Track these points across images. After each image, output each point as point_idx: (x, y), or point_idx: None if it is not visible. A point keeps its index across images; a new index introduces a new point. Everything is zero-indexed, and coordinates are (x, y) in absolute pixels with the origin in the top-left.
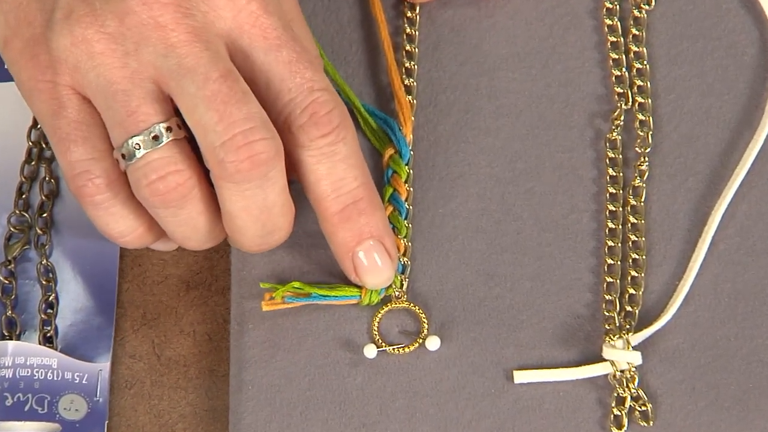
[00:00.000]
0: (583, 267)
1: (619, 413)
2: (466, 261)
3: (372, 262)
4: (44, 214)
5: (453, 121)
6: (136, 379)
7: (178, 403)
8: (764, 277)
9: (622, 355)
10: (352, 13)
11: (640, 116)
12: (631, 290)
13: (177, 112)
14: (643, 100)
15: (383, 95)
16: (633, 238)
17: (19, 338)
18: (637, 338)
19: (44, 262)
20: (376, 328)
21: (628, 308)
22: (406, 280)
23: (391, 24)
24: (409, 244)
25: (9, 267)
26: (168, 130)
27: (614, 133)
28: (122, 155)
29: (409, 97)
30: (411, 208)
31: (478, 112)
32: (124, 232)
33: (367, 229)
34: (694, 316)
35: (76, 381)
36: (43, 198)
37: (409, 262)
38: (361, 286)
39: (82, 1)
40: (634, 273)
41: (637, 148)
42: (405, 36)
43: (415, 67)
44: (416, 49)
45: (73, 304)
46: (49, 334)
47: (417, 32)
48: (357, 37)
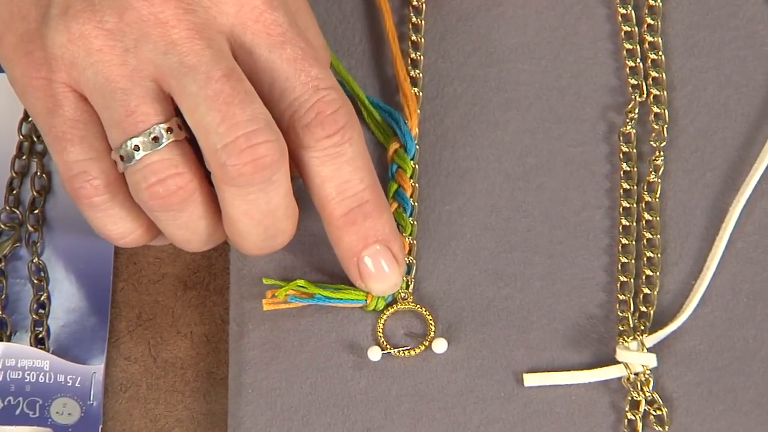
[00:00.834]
0: (596, 266)
1: (633, 418)
2: (473, 260)
3: (379, 268)
4: (36, 211)
5: (460, 114)
6: (131, 382)
7: (175, 407)
8: None
9: (636, 358)
10: (356, 2)
11: (655, 109)
12: (646, 290)
13: (177, 112)
14: (658, 93)
15: (388, 87)
16: (648, 235)
17: (9, 339)
18: (651, 340)
19: (36, 260)
20: (380, 330)
21: (643, 308)
22: (412, 281)
23: (396, 13)
24: (415, 243)
25: None
26: (168, 131)
27: (628, 127)
28: (120, 156)
29: (415, 89)
30: (416, 204)
31: (487, 104)
32: (123, 234)
33: (373, 232)
34: (711, 317)
35: (69, 384)
36: (35, 194)
37: (414, 262)
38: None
39: None
40: (648, 272)
41: (651, 142)
42: (410, 25)
43: (421, 57)
44: (422, 39)
45: (65, 304)
46: (40, 336)
47: (423, 21)
48: (361, 27)
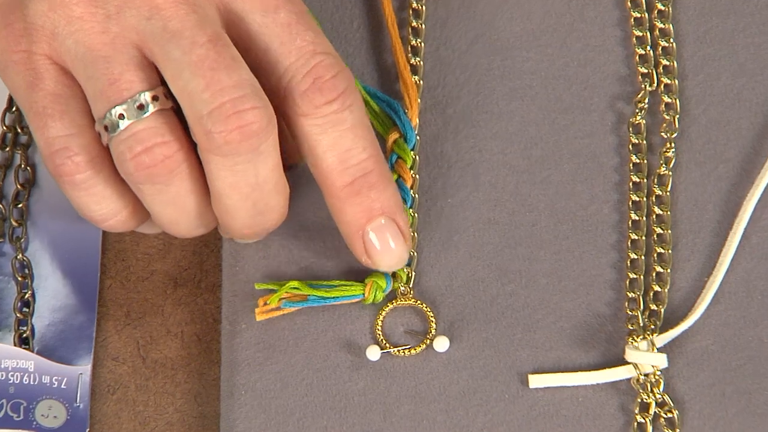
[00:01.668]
0: (604, 262)
1: (643, 420)
2: (477, 255)
3: (384, 243)
4: (19, 205)
5: (463, 104)
6: (120, 384)
7: (165, 409)
8: None
9: (646, 358)
10: None
11: (666, 99)
12: (656, 287)
13: (164, 82)
14: (669, 81)
15: (387, 76)
16: (658, 230)
17: None
18: (662, 339)
19: (20, 256)
20: (379, 328)
21: (653, 307)
22: (413, 276)
23: None
24: (416, 236)
25: None
26: (154, 99)
27: (638, 117)
28: (105, 127)
29: (415, 78)
30: (417, 197)
31: (490, 94)
32: (107, 215)
33: (378, 204)
34: (724, 316)
35: (55, 385)
36: (19, 187)
37: (415, 256)
38: (365, 283)
39: None
40: (659, 269)
41: (662, 134)
42: (411, 11)
43: (422, 45)
44: (423, 26)
45: (51, 302)
46: (25, 335)
47: (424, 7)
48: (358, 12)
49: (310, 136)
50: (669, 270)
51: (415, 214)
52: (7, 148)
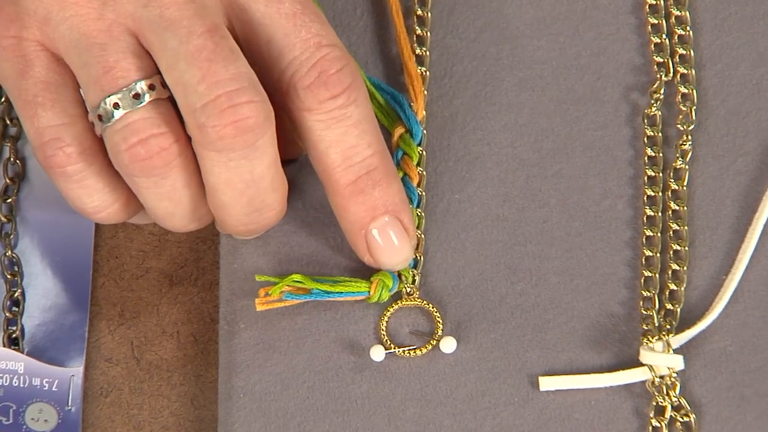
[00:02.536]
0: (618, 260)
1: (659, 425)
2: (485, 253)
3: (388, 241)
4: (8, 200)
5: (470, 96)
6: (113, 386)
7: (160, 412)
8: None
9: (661, 359)
10: None
11: (683, 89)
12: (672, 286)
13: (159, 71)
14: (685, 71)
15: (392, 67)
16: (674, 227)
17: None
18: (678, 340)
19: (9, 253)
20: (384, 328)
21: (669, 306)
22: (419, 275)
23: None
24: (422, 235)
25: None
26: (150, 88)
27: (653, 109)
28: (98, 116)
29: (421, 69)
30: (423, 194)
31: (499, 84)
32: (99, 207)
33: (382, 202)
34: (743, 315)
35: (45, 388)
36: (7, 181)
37: (421, 256)
38: (370, 281)
39: None
40: (675, 266)
41: (679, 126)
42: None
43: (428, 34)
44: (429, 14)
45: (41, 301)
46: (14, 335)
47: None
48: (362, 0)
49: (313, 132)
50: (685, 268)
51: (422, 213)
52: None
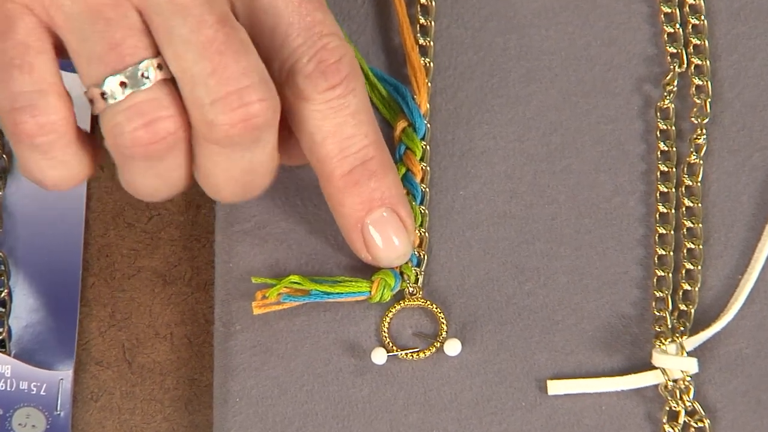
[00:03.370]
0: (630, 259)
1: (672, 430)
2: (491, 252)
3: (386, 237)
4: None
5: (476, 88)
6: (104, 390)
7: (153, 417)
8: None
9: (675, 362)
10: None
11: (697, 81)
12: (686, 286)
13: None
14: (700, 62)
15: (394, 58)
16: (688, 224)
17: None
18: (692, 342)
19: None
20: (386, 330)
21: (683, 307)
22: (422, 274)
23: None
24: (426, 233)
25: None
26: (158, 67)
27: (666, 101)
28: (102, 94)
29: (425, 60)
30: (427, 190)
31: (506, 76)
32: (59, 181)
33: (379, 194)
34: (759, 317)
35: (33, 392)
36: None
37: (425, 254)
38: (371, 280)
39: None
40: (689, 266)
41: (692, 119)
42: None
43: (432, 23)
44: (433, 3)
45: (29, 301)
46: (0, 337)
47: None
48: None
49: (309, 122)
50: (700, 267)
51: (426, 210)
52: None
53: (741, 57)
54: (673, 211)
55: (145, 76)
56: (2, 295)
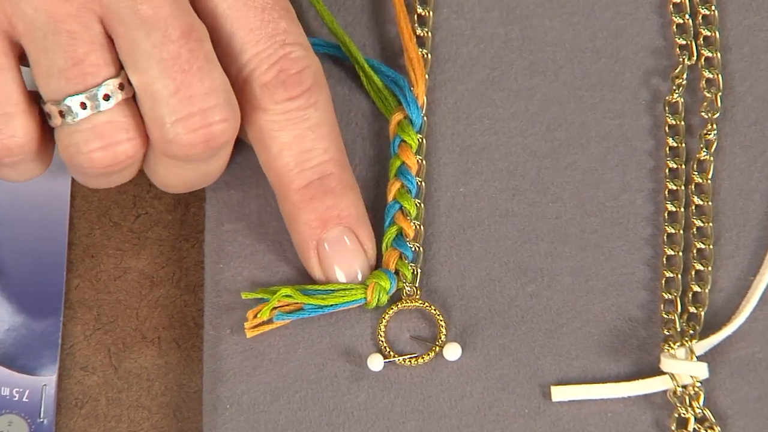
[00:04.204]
0: (637, 259)
1: None
2: (492, 251)
3: (341, 258)
4: None
5: (477, 81)
6: (89, 397)
7: (140, 425)
8: None
9: (684, 367)
10: None
11: (707, 74)
12: (696, 287)
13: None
14: (710, 54)
15: (391, 48)
16: (698, 223)
17: None
18: (702, 346)
19: None
20: (382, 334)
21: (692, 309)
22: (418, 270)
23: None
24: (422, 229)
25: None
26: (120, 87)
27: (675, 95)
28: (60, 112)
29: (423, 51)
30: (423, 184)
31: (508, 69)
32: (22, 181)
33: (336, 212)
34: None
35: (15, 398)
36: None
37: (422, 252)
38: (365, 285)
39: None
40: (699, 266)
41: (703, 114)
42: None
43: (430, 13)
44: None
45: (11, 304)
46: None
47: None
48: None
49: (265, 132)
50: (710, 268)
51: (422, 205)
52: None
53: (753, 49)
54: (683, 210)
55: (106, 97)
56: None
